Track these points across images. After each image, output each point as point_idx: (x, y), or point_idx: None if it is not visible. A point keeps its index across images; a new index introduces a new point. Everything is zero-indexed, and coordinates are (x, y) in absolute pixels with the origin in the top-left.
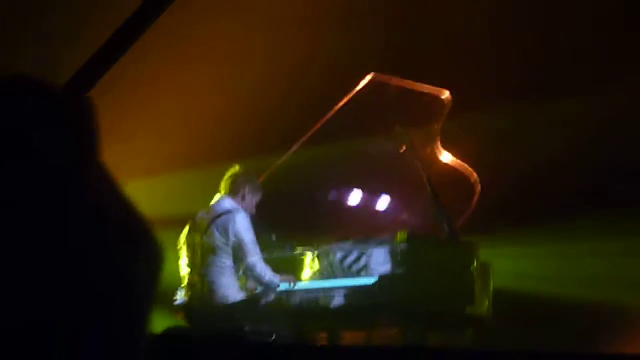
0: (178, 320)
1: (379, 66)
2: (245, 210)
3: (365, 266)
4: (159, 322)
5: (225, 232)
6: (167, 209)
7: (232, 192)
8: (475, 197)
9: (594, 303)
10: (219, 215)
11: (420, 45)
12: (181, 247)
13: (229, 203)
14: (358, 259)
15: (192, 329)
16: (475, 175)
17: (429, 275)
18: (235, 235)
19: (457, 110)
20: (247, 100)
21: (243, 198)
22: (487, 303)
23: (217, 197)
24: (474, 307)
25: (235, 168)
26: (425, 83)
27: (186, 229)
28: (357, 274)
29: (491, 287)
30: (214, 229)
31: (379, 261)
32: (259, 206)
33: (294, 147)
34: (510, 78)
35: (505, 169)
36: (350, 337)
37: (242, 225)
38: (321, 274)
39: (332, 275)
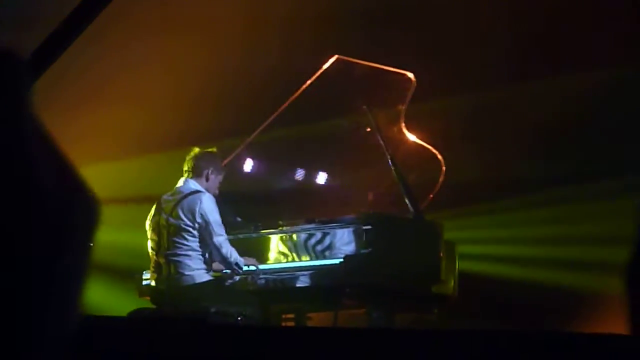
0: (145, 302)
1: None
2: (209, 191)
3: (330, 247)
4: (127, 304)
5: (191, 213)
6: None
7: (196, 173)
8: (441, 178)
9: (555, 285)
10: (185, 197)
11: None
12: (147, 229)
13: (193, 184)
14: (322, 239)
15: (159, 311)
16: (440, 156)
17: (394, 255)
18: (202, 217)
19: (422, 92)
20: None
21: (207, 179)
22: (452, 282)
23: (181, 180)
24: (440, 287)
25: (197, 150)
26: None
27: (152, 211)
28: (322, 254)
29: (457, 267)
30: (179, 211)
31: (343, 241)
32: (223, 188)
33: (259, 129)
34: (479, 60)
35: (470, 153)
36: (316, 318)
37: (208, 207)
38: (286, 255)
39: (297, 256)
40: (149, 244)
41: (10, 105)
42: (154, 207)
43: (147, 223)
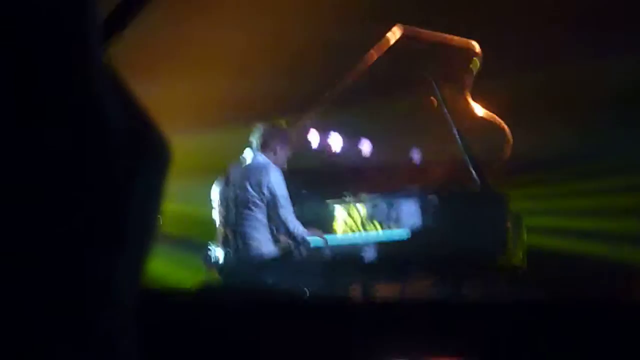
0: (212, 276)
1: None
2: (277, 164)
3: (396, 218)
4: (194, 278)
5: (258, 186)
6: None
7: (264, 146)
8: (508, 150)
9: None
10: (252, 169)
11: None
12: (214, 201)
13: (261, 157)
14: (389, 210)
15: (226, 285)
16: (507, 128)
17: (460, 226)
18: (269, 190)
19: (489, 64)
20: (278, 55)
21: (275, 152)
22: (520, 254)
23: (248, 151)
24: (508, 259)
25: (266, 123)
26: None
27: (218, 182)
28: (389, 226)
29: (525, 239)
30: (246, 183)
31: (410, 213)
32: (290, 160)
33: (322, 99)
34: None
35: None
36: (384, 291)
37: (276, 180)
38: (352, 227)
39: (363, 228)
40: (216, 216)
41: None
42: (220, 178)
43: (213, 195)
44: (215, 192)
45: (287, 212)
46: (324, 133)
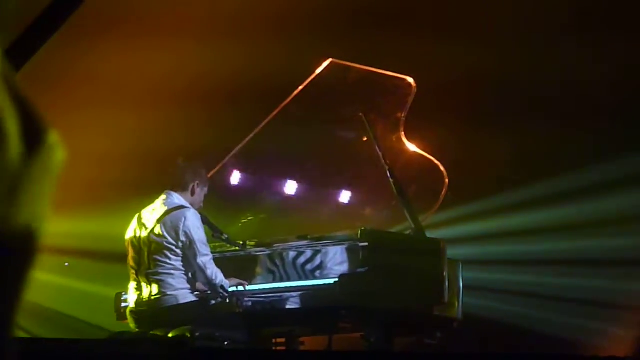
0: (125, 325)
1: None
2: (194, 205)
3: (324, 265)
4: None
5: (174, 230)
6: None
7: (181, 187)
8: (443, 192)
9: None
10: (168, 212)
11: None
12: (127, 246)
13: (177, 199)
14: (315, 257)
15: (140, 334)
16: (442, 168)
17: (393, 274)
18: (186, 234)
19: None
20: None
21: (192, 193)
22: (457, 304)
23: (164, 193)
24: (443, 309)
25: (182, 161)
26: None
27: (132, 226)
28: (315, 274)
29: (461, 287)
30: (162, 227)
31: (338, 260)
32: (208, 202)
33: (247, 139)
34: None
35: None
36: (310, 343)
37: (193, 224)
38: (276, 275)
39: (287, 275)
40: (129, 261)
41: None
42: (133, 221)
43: (127, 239)
44: (128, 236)
45: (206, 259)
46: (245, 173)
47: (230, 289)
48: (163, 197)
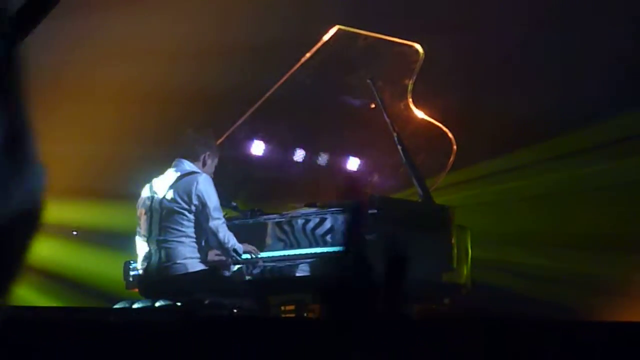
0: (134, 294)
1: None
2: (207, 174)
3: (332, 232)
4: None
5: (187, 195)
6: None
7: (192, 157)
8: (452, 158)
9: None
10: (180, 178)
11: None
12: (137, 213)
13: (189, 165)
14: (324, 224)
15: (149, 303)
16: (450, 134)
17: (402, 242)
18: (199, 198)
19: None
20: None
21: (204, 164)
22: (465, 271)
23: (175, 161)
24: (452, 275)
25: (192, 131)
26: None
27: (142, 194)
28: (324, 241)
29: (470, 254)
30: (174, 192)
31: (344, 227)
32: (218, 171)
33: (255, 106)
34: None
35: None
36: (318, 309)
37: (206, 188)
38: (285, 242)
39: (295, 243)
40: (139, 229)
41: None
42: (145, 189)
43: (138, 206)
44: (139, 204)
45: (218, 222)
46: (255, 142)
47: (243, 256)
48: (174, 164)
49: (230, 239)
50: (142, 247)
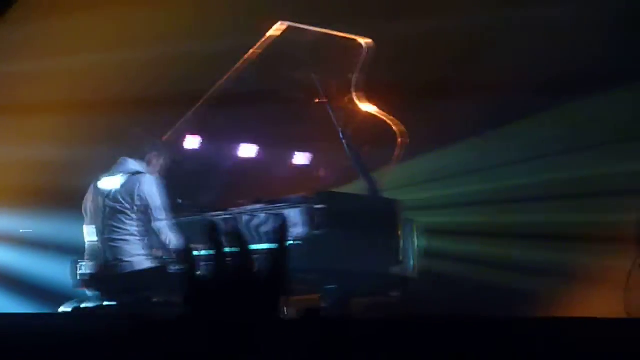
0: (82, 292)
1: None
2: (152, 174)
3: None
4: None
5: (130, 195)
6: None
7: (137, 155)
8: (399, 151)
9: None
10: (124, 177)
11: None
12: (84, 212)
13: (133, 165)
14: (268, 221)
15: (97, 301)
16: (399, 126)
17: (349, 235)
18: (141, 199)
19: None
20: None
21: (149, 163)
22: (412, 263)
23: (120, 159)
24: (400, 268)
25: (138, 131)
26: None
27: (88, 192)
28: (271, 237)
29: (416, 246)
30: (118, 193)
31: (293, 223)
32: (164, 169)
33: (200, 102)
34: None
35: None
36: None
37: (149, 189)
38: (231, 240)
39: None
40: (85, 228)
41: None
42: (90, 187)
43: (84, 205)
44: (86, 201)
45: (161, 224)
46: (201, 139)
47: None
48: (119, 163)
49: (172, 240)
50: (89, 245)
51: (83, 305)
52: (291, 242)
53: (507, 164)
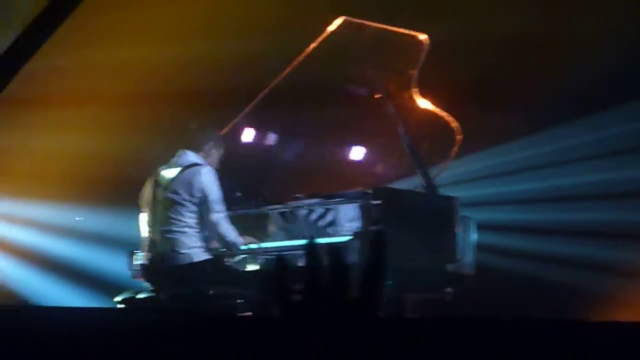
0: (139, 283)
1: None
2: (210, 166)
3: (336, 223)
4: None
5: (189, 187)
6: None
7: (196, 147)
8: (456, 148)
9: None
10: (183, 169)
11: None
12: (142, 204)
13: (193, 157)
14: (328, 215)
15: (153, 293)
16: (455, 123)
17: (406, 232)
18: (201, 191)
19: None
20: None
21: (208, 154)
22: (469, 261)
23: (179, 152)
24: (455, 266)
25: (197, 123)
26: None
27: (147, 184)
28: (328, 232)
29: (473, 244)
30: (177, 184)
31: (350, 218)
32: (222, 161)
33: (260, 96)
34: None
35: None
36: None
37: (208, 180)
38: (288, 233)
39: (299, 233)
40: (143, 219)
41: None
42: (148, 180)
43: (142, 197)
44: (144, 193)
45: (220, 216)
46: (260, 133)
47: (243, 247)
48: (178, 155)
49: (230, 232)
50: (146, 236)
51: (138, 297)
52: (348, 237)
53: (563, 162)
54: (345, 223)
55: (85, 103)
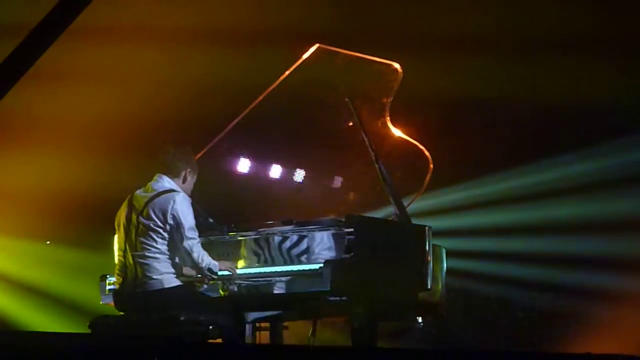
0: (110, 308)
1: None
2: (185, 191)
3: (309, 251)
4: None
5: (162, 213)
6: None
7: (173, 173)
8: (428, 177)
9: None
10: (158, 195)
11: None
12: (116, 226)
13: (168, 182)
14: (301, 242)
15: (124, 319)
16: (427, 153)
17: (378, 260)
18: (174, 218)
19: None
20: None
21: (184, 180)
22: (440, 289)
23: (155, 176)
24: (427, 294)
25: (173, 147)
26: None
27: (123, 207)
28: (301, 259)
29: (444, 273)
30: (150, 210)
31: (324, 245)
32: (195, 186)
33: (233, 123)
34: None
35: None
36: (294, 328)
37: (182, 208)
38: (262, 260)
39: (272, 260)
40: (116, 242)
41: None
42: (125, 202)
43: (117, 219)
44: (120, 215)
45: (192, 242)
46: (233, 159)
47: (220, 273)
48: (154, 179)
49: (204, 259)
50: (119, 260)
51: (109, 322)
52: (321, 265)
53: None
54: (319, 251)
55: (62, 123)
